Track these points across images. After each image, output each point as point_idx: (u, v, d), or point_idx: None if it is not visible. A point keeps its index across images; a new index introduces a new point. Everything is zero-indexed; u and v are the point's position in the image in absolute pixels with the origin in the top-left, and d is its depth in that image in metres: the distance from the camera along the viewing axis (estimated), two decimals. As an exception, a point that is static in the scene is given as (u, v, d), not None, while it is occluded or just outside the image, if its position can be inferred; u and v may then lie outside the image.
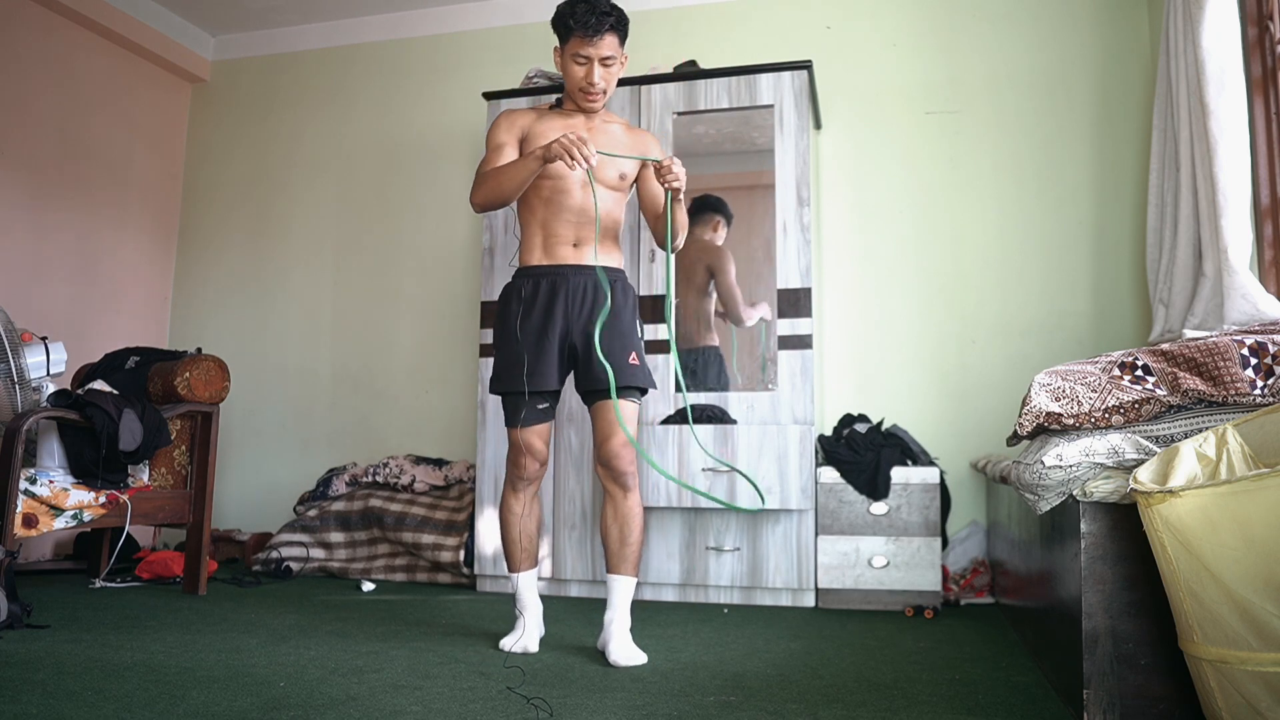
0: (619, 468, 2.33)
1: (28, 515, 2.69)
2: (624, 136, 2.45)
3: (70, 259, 4.10)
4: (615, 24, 2.30)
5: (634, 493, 2.36)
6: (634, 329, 2.40)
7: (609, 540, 2.35)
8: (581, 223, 2.38)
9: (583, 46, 2.29)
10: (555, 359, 2.32)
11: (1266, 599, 1.29)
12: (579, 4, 2.29)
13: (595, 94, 2.35)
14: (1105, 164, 3.52)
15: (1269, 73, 2.61)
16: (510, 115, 2.44)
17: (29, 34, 3.92)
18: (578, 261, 2.38)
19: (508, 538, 2.42)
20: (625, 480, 2.34)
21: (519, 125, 2.41)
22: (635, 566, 2.35)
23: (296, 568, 3.62)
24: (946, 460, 3.44)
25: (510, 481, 2.42)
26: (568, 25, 2.30)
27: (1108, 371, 1.79)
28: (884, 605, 3.01)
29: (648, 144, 2.48)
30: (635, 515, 2.35)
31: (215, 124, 4.72)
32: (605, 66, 2.33)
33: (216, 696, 1.81)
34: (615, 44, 2.32)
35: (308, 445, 4.31)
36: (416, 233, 4.31)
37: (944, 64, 3.72)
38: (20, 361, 2.93)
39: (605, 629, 2.28)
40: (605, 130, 2.42)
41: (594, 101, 2.37)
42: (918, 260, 3.65)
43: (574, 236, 2.38)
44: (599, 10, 2.27)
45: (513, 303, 2.38)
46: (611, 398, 2.23)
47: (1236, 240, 2.44)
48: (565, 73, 2.37)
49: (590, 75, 2.32)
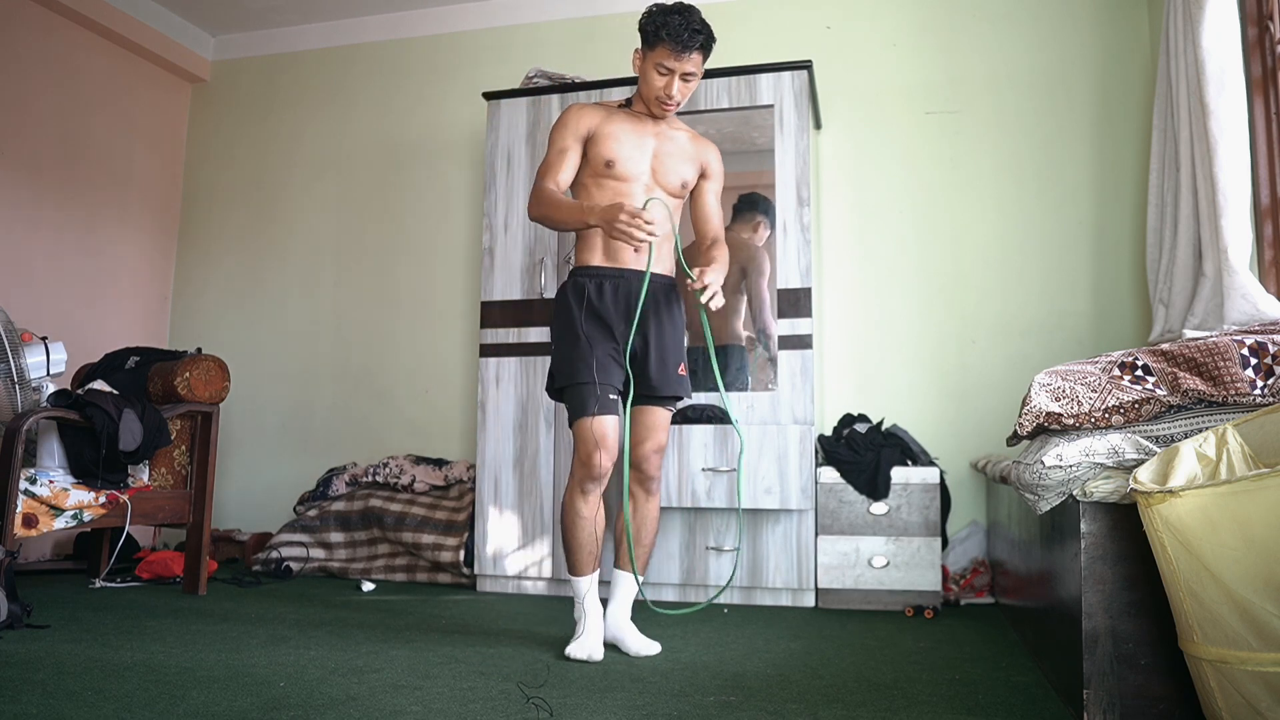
0: (648, 471, 2.39)
1: (28, 515, 2.69)
2: (689, 146, 2.47)
3: (70, 259, 4.10)
4: (704, 43, 2.30)
5: (656, 497, 2.43)
6: (683, 339, 2.48)
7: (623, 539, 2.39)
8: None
9: (669, 58, 2.28)
10: (620, 358, 2.36)
11: (1266, 599, 1.29)
12: (674, 15, 2.28)
13: (670, 105, 2.37)
14: (1105, 164, 3.52)
15: (1269, 73, 2.61)
16: (578, 113, 2.42)
17: (29, 34, 3.92)
18: (639, 267, 2.38)
19: (574, 542, 2.33)
20: (651, 485, 2.41)
21: (585, 125, 2.39)
22: (644, 566, 2.43)
23: (296, 568, 3.62)
24: (946, 460, 3.44)
25: (579, 483, 2.30)
26: (658, 34, 2.28)
27: (1108, 371, 1.79)
28: (884, 605, 3.01)
29: (709, 156, 2.49)
30: (653, 518, 2.43)
31: (215, 124, 4.72)
32: (685, 81, 2.33)
33: (216, 696, 1.81)
34: (700, 61, 2.32)
35: (308, 445, 4.31)
36: (416, 233, 4.31)
37: (944, 64, 3.72)
38: (20, 361, 2.93)
39: (611, 622, 2.35)
40: (671, 137, 2.44)
41: (668, 111, 2.39)
42: (918, 260, 3.65)
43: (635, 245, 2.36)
44: (692, 26, 2.27)
45: (575, 301, 2.37)
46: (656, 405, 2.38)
47: (1236, 240, 2.44)
48: (643, 77, 2.36)
49: (669, 88, 2.33)
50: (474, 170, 4.23)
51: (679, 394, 2.42)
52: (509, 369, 3.38)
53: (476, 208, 4.19)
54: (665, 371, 2.39)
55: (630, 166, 2.37)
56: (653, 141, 2.42)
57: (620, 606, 2.37)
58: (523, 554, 3.28)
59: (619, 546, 2.40)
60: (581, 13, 4.18)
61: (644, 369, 2.37)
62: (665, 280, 2.43)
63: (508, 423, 3.35)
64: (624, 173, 2.36)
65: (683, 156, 2.44)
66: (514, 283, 3.42)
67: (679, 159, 2.44)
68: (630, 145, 2.38)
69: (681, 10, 2.29)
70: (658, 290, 2.41)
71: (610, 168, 2.36)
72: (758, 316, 3.27)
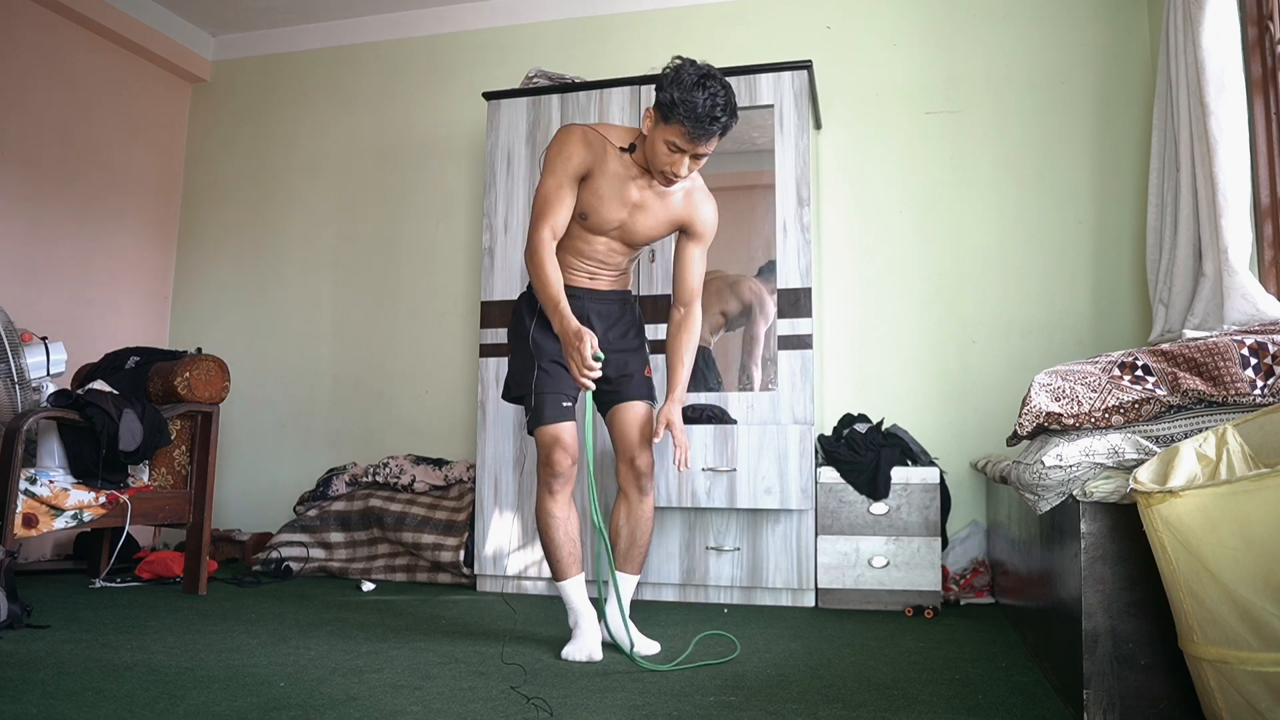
0: (640, 468, 2.36)
1: (28, 515, 2.69)
2: (676, 205, 2.33)
3: (70, 259, 4.10)
4: (724, 128, 2.13)
5: (649, 496, 2.40)
6: (645, 345, 2.48)
7: (618, 540, 2.38)
8: (602, 266, 2.39)
9: (683, 140, 2.11)
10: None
11: (1266, 599, 1.29)
12: (699, 93, 2.06)
13: (676, 182, 2.23)
14: (1105, 164, 3.52)
15: (1269, 73, 2.61)
16: (576, 146, 2.24)
17: (29, 34, 3.92)
18: (593, 287, 2.40)
19: (551, 544, 2.32)
20: (644, 483, 2.38)
21: (583, 163, 2.24)
22: (639, 566, 2.41)
23: (296, 568, 3.61)
24: (946, 460, 3.44)
25: (545, 484, 2.31)
26: (675, 111, 2.07)
27: (1108, 371, 1.79)
28: (884, 605, 3.01)
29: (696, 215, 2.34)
30: (647, 518, 2.39)
31: (215, 124, 4.72)
32: (695, 160, 2.19)
33: (216, 696, 1.81)
34: (715, 143, 2.16)
35: (308, 445, 4.31)
36: (416, 233, 4.31)
37: (944, 64, 3.72)
38: (20, 361, 2.93)
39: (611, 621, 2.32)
40: (661, 194, 2.30)
41: (670, 184, 2.24)
42: (918, 260, 3.65)
43: (591, 274, 2.40)
44: (714, 114, 2.07)
45: (528, 312, 2.39)
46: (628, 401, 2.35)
47: (1236, 240, 2.44)
48: (651, 144, 2.17)
49: (678, 167, 2.17)
50: (474, 170, 4.23)
51: (649, 397, 2.42)
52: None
53: (476, 208, 4.19)
54: (630, 378, 2.39)
55: (600, 221, 2.29)
56: (636, 196, 2.28)
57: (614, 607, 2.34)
58: (523, 554, 3.28)
59: (615, 548, 2.39)
60: (581, 13, 4.18)
61: (607, 379, 2.34)
62: (619, 294, 2.46)
63: (508, 423, 3.35)
64: (594, 225, 2.31)
65: (661, 218, 2.32)
66: (514, 283, 3.42)
67: (655, 220, 2.32)
68: (611, 201, 2.27)
69: (707, 85, 2.07)
70: (614, 302, 2.43)
71: (584, 219, 2.30)
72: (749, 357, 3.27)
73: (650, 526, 2.41)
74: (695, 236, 2.37)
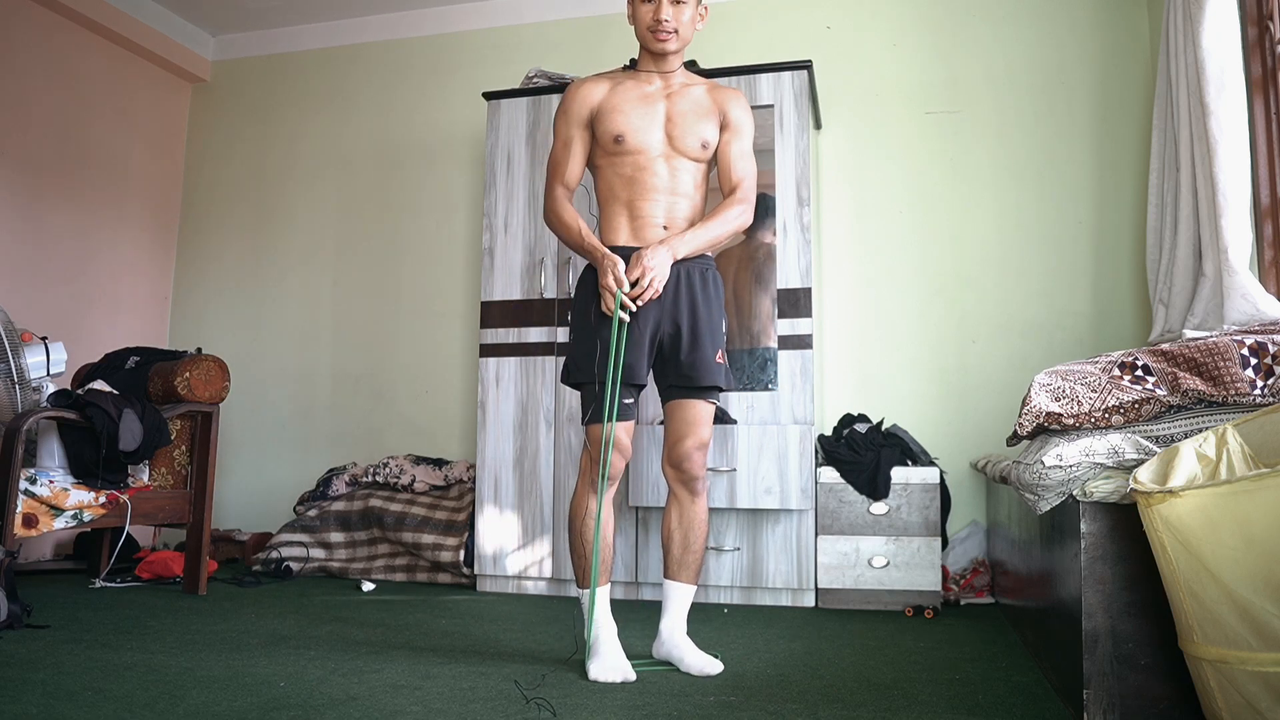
0: (690, 471, 2.19)
1: (28, 515, 2.69)
2: (705, 99, 2.25)
3: (70, 259, 4.10)
4: None
5: (702, 498, 2.22)
6: (721, 324, 2.23)
7: (671, 545, 2.20)
8: (671, 201, 2.20)
9: None
10: (645, 351, 2.15)
11: (1266, 599, 1.29)
12: None
13: (665, 33, 2.16)
14: (1105, 164, 3.52)
15: (1269, 73, 2.61)
16: (579, 93, 2.22)
17: (29, 34, 3.92)
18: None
19: (587, 546, 2.13)
20: (695, 485, 2.20)
21: (588, 105, 2.21)
22: (696, 574, 2.20)
23: (296, 568, 3.62)
24: (946, 460, 3.44)
25: (592, 484, 2.15)
26: None
27: (1108, 371, 1.79)
28: (884, 605, 3.01)
29: (728, 103, 2.26)
30: (701, 521, 2.21)
31: (215, 124, 4.72)
32: (675, 4, 2.14)
33: (216, 696, 1.81)
34: None
35: (308, 445, 4.31)
36: (416, 233, 4.31)
37: (944, 64, 3.73)
38: (20, 361, 2.93)
39: (667, 639, 2.15)
40: (685, 94, 2.23)
41: (665, 42, 2.17)
42: (918, 260, 3.65)
43: (664, 218, 2.19)
44: None
45: (590, 294, 2.18)
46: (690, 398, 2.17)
47: (1236, 240, 2.44)
48: (635, 20, 2.19)
49: (659, 12, 2.13)
50: (474, 170, 4.23)
51: (717, 384, 2.18)
52: (509, 369, 3.38)
53: (476, 208, 4.19)
54: (700, 358, 2.15)
55: (641, 138, 2.18)
56: (664, 104, 2.21)
57: (675, 621, 2.16)
58: (522, 554, 3.28)
59: (668, 554, 2.20)
60: (582, 13, 4.18)
61: (675, 356, 2.17)
62: (701, 261, 2.23)
63: (508, 423, 3.35)
64: (635, 145, 2.17)
65: (700, 113, 2.21)
66: (514, 283, 3.42)
67: (696, 117, 2.21)
68: (638, 114, 2.19)
69: None
70: (693, 270, 2.20)
71: (620, 143, 2.17)
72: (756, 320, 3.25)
73: (705, 530, 2.21)
74: (728, 127, 2.26)
